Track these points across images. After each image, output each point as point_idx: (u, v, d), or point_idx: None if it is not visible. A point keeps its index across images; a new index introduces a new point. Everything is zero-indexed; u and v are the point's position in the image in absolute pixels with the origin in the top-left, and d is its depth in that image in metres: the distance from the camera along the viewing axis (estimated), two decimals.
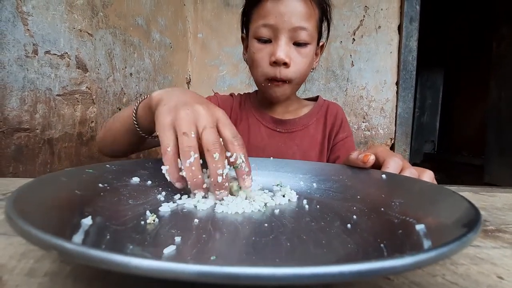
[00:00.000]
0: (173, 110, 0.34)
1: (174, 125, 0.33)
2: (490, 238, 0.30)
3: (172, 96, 0.38)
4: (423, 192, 0.29)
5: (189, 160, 0.31)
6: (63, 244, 0.12)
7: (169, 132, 0.33)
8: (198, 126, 0.33)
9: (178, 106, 0.35)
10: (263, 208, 0.33)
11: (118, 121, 0.54)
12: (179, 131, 0.33)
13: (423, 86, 4.29)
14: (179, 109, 0.34)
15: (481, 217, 0.18)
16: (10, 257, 0.21)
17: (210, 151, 0.32)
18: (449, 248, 0.13)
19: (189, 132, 0.32)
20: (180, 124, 0.33)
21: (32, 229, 0.13)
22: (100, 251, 0.12)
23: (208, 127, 0.33)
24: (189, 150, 0.32)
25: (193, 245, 0.22)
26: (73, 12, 0.88)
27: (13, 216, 0.15)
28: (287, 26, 0.58)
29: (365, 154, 0.40)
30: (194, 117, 0.33)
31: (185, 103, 0.35)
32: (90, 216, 0.22)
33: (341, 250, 0.23)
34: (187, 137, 0.32)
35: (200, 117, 0.34)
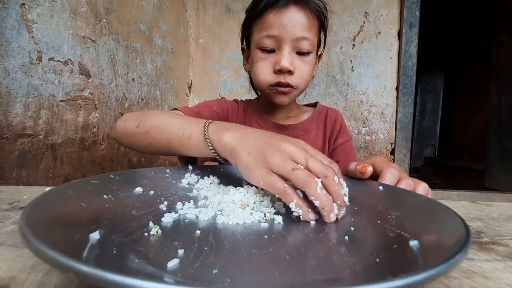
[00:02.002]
0: (261, 157, 0.35)
1: (272, 170, 0.33)
2: (484, 250, 0.31)
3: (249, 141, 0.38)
4: (418, 206, 0.30)
5: (318, 186, 0.31)
6: (80, 267, 0.13)
7: (273, 177, 0.33)
8: (298, 160, 0.34)
9: (263, 150, 0.35)
10: (263, 219, 0.34)
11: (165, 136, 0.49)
12: (284, 171, 0.33)
13: (424, 90, 4.31)
14: (268, 154, 0.34)
15: (471, 237, 0.19)
16: (20, 270, 0.22)
17: (329, 176, 0.32)
18: (437, 270, 0.14)
19: (297, 166, 0.33)
20: (281, 165, 0.33)
21: (49, 251, 0.14)
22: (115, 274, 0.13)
23: (309, 158, 0.34)
24: (311, 179, 0.32)
25: (195, 258, 0.23)
26: (77, 19, 0.89)
27: (29, 236, 0.16)
28: (290, 36, 0.59)
29: (363, 165, 0.41)
30: (289, 155, 0.34)
31: (269, 144, 0.36)
32: (97, 231, 0.22)
33: (339, 264, 0.24)
34: (300, 170, 0.32)
35: (293, 153, 0.34)
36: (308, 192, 0.32)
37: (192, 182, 0.44)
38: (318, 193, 0.31)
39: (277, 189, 0.33)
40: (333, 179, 0.32)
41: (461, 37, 3.66)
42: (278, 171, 0.33)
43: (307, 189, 0.32)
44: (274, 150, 0.34)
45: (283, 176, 0.33)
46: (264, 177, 0.34)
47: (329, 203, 0.32)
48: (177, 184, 0.43)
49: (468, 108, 3.83)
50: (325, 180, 0.32)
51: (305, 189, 0.32)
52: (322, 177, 0.32)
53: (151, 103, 1.36)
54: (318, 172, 0.32)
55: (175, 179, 0.44)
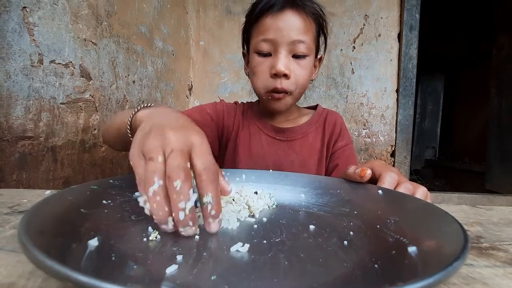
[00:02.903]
0: (145, 137, 0.30)
1: (142, 152, 0.29)
2: (483, 256, 0.31)
3: (153, 119, 0.34)
4: (417, 211, 0.30)
5: (152, 187, 0.26)
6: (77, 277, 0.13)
7: (140, 160, 0.29)
8: (165, 151, 0.28)
9: (151, 131, 0.30)
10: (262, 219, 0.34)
11: (113, 128, 0.54)
12: (146, 157, 0.28)
13: (424, 93, 4.31)
14: (150, 135, 0.30)
15: (469, 243, 0.19)
16: (19, 275, 0.22)
17: (171, 178, 0.26)
18: (435, 279, 0.14)
19: (154, 157, 0.28)
20: (146, 150, 0.29)
21: (49, 261, 0.14)
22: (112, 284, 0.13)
23: (174, 151, 0.28)
24: (152, 176, 0.27)
25: (194, 264, 0.23)
26: (78, 22, 0.89)
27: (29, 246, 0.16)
28: (285, 40, 0.60)
29: (362, 169, 0.41)
30: (162, 142, 0.29)
31: (161, 127, 0.31)
32: (96, 238, 0.22)
33: (337, 270, 0.24)
34: (152, 162, 0.27)
35: (170, 142, 0.29)
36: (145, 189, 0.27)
37: None
38: (150, 196, 0.27)
39: (136, 174, 0.29)
40: (173, 183, 0.26)
41: (461, 40, 3.67)
42: (144, 154, 0.29)
43: (144, 186, 0.27)
44: (157, 133, 0.30)
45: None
46: (134, 156, 0.30)
47: (160, 213, 0.27)
48: None
49: (468, 110, 3.83)
50: (166, 181, 0.27)
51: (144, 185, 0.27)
52: (166, 177, 0.27)
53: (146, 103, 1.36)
54: (167, 169, 0.27)
55: None
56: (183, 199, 0.26)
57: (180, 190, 0.26)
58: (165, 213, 0.27)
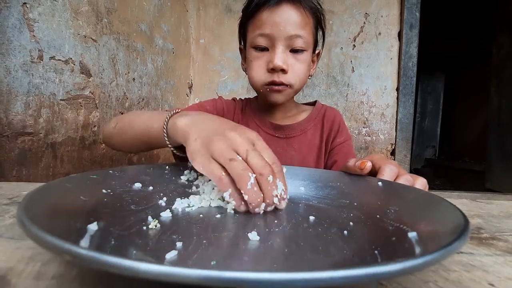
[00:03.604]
0: (206, 143, 0.34)
1: (213, 157, 0.33)
2: (484, 245, 0.30)
3: (200, 127, 0.38)
4: (417, 200, 0.30)
5: (249, 181, 0.31)
6: (76, 250, 0.13)
7: (213, 164, 0.33)
8: (239, 151, 0.33)
9: (210, 137, 0.34)
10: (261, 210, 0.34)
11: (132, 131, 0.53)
12: (224, 160, 0.32)
13: (424, 92, 4.31)
14: (213, 140, 0.34)
15: (469, 225, 0.19)
16: (18, 260, 0.22)
17: (264, 174, 0.32)
18: (436, 255, 0.14)
19: (235, 157, 0.32)
20: (221, 153, 0.33)
21: (46, 235, 0.14)
22: (111, 256, 0.13)
23: (250, 151, 0.33)
24: (245, 173, 0.31)
25: (194, 251, 0.23)
26: (78, 19, 0.89)
27: (27, 223, 0.16)
28: (283, 34, 0.59)
29: (362, 161, 0.41)
30: (232, 144, 0.34)
31: (217, 132, 0.35)
32: (95, 222, 0.22)
33: (337, 256, 0.24)
34: (237, 161, 0.32)
35: (238, 143, 0.34)
36: (239, 185, 0.32)
37: (191, 179, 0.44)
38: (248, 188, 0.31)
39: (215, 176, 0.33)
40: (267, 178, 0.32)
41: (461, 38, 3.67)
42: (218, 158, 0.33)
43: (239, 183, 0.32)
44: (220, 138, 0.34)
45: (221, 165, 0.33)
46: (204, 163, 0.34)
47: (258, 200, 0.32)
48: (176, 181, 0.43)
49: (468, 110, 3.83)
50: (258, 178, 0.32)
51: (237, 182, 0.32)
52: (257, 173, 0.32)
53: (152, 103, 1.36)
54: (255, 167, 0.32)
55: (174, 176, 0.44)
56: (275, 188, 0.33)
57: (272, 183, 0.32)
58: (260, 201, 0.32)
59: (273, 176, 0.33)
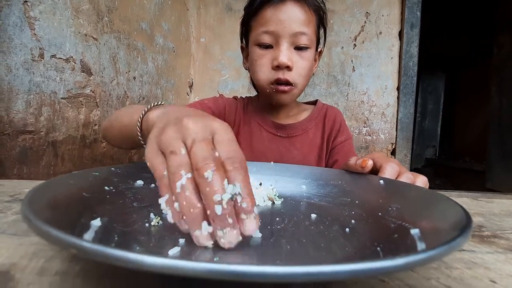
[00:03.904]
0: (160, 133, 0.26)
1: (160, 149, 0.25)
2: (485, 243, 0.31)
3: (165, 116, 0.32)
4: (419, 198, 0.30)
5: (179, 182, 0.22)
6: (82, 243, 0.13)
7: (159, 158, 0.25)
8: (186, 141, 0.25)
9: (165, 125, 0.27)
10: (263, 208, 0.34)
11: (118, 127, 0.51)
12: (166, 152, 0.24)
13: (425, 91, 4.31)
14: (165, 129, 0.26)
15: (472, 222, 0.19)
16: (21, 256, 0.22)
17: (200, 169, 0.22)
18: (439, 251, 0.14)
19: (177, 150, 0.24)
20: (164, 144, 0.25)
21: (52, 229, 0.14)
22: (117, 250, 0.13)
23: (197, 140, 0.24)
24: (177, 170, 0.23)
25: (196, 247, 0.23)
26: (79, 17, 0.89)
27: (31, 217, 0.16)
28: (287, 32, 0.59)
29: (363, 160, 0.41)
30: (182, 132, 0.25)
31: (175, 120, 0.27)
32: (98, 218, 0.22)
33: (339, 253, 0.24)
34: (175, 155, 0.24)
35: (188, 131, 0.25)
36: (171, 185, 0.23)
37: None
38: (178, 192, 0.22)
39: (155, 174, 0.25)
40: (204, 175, 0.22)
41: (462, 38, 3.67)
42: (163, 150, 0.25)
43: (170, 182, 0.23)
44: (173, 125, 0.26)
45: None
46: (150, 156, 0.25)
47: (191, 211, 0.22)
48: None
49: (469, 109, 3.83)
50: (195, 174, 0.23)
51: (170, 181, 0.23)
52: (194, 169, 0.23)
53: (152, 102, 1.36)
54: (193, 160, 0.23)
55: None
56: (218, 191, 0.22)
57: (212, 181, 0.22)
58: (197, 211, 0.22)
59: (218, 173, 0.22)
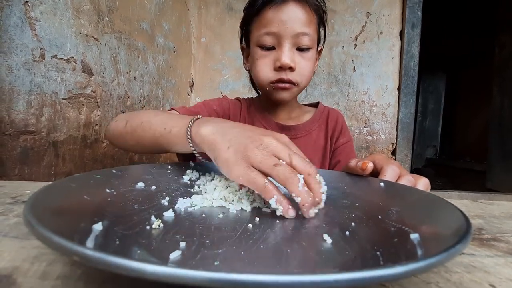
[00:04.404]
0: (242, 151, 0.33)
1: (253, 165, 0.33)
2: (485, 246, 0.31)
3: (228, 136, 0.36)
4: (419, 201, 0.30)
5: (300, 182, 0.31)
6: (84, 251, 0.13)
7: (253, 172, 0.32)
8: (281, 156, 0.33)
9: (244, 145, 0.34)
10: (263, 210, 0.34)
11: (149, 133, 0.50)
12: (267, 167, 0.32)
13: (426, 91, 4.30)
14: (249, 149, 0.33)
15: (471, 228, 0.19)
16: (23, 260, 0.22)
17: (312, 174, 0.32)
18: (439, 258, 0.14)
19: (280, 162, 0.32)
20: (263, 161, 0.32)
21: (54, 236, 0.14)
22: (118, 258, 0.13)
23: (293, 154, 0.33)
24: (293, 175, 0.31)
25: (197, 251, 0.23)
26: (79, 17, 0.89)
27: (34, 223, 0.16)
28: (289, 32, 0.59)
29: (363, 162, 0.41)
30: (270, 150, 0.33)
31: (250, 139, 0.34)
32: (100, 222, 0.23)
33: (339, 257, 0.24)
34: (282, 166, 0.32)
35: (276, 149, 0.33)
36: (290, 188, 0.31)
37: (194, 178, 0.45)
38: (300, 190, 0.31)
39: (258, 185, 0.32)
40: (315, 177, 0.32)
41: (462, 38, 3.66)
42: (259, 166, 0.32)
43: (289, 186, 0.31)
44: (256, 145, 0.33)
45: (264, 172, 0.32)
46: (244, 172, 0.32)
47: (310, 200, 0.31)
48: (178, 180, 0.43)
49: (469, 109, 3.83)
50: (307, 178, 0.32)
51: (287, 186, 0.31)
52: (305, 174, 0.32)
53: (153, 102, 1.36)
54: (302, 169, 0.32)
55: (176, 175, 0.44)
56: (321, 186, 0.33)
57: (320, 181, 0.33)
58: (312, 200, 0.31)
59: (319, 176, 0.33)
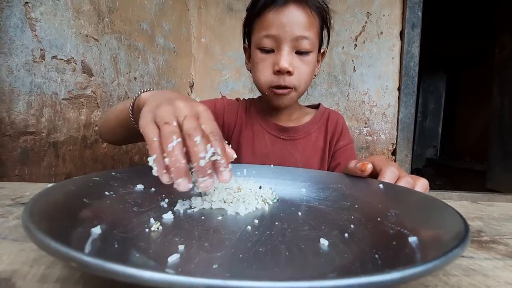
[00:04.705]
0: (154, 107, 0.34)
1: (154, 120, 0.33)
2: (483, 249, 0.31)
3: (156, 96, 0.40)
4: (417, 203, 0.30)
5: (171, 144, 0.30)
6: (82, 257, 0.13)
7: (152, 126, 0.33)
8: (178, 117, 0.33)
9: (160, 103, 0.35)
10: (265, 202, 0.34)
11: (114, 116, 0.56)
12: (160, 123, 0.32)
13: (426, 92, 4.30)
14: (159, 105, 0.34)
15: (469, 233, 0.19)
16: (23, 263, 0.22)
17: (191, 135, 0.31)
18: (435, 263, 0.14)
19: (170, 122, 0.32)
20: (160, 116, 0.33)
21: (52, 242, 0.14)
22: (116, 264, 0.13)
23: (188, 116, 0.33)
24: (170, 135, 0.30)
25: (195, 254, 0.23)
26: (79, 18, 0.89)
27: (33, 229, 0.16)
28: (289, 36, 0.59)
29: (362, 163, 0.41)
30: (174, 110, 0.33)
31: (167, 100, 0.36)
32: (99, 226, 0.23)
33: (338, 260, 0.24)
34: (169, 125, 0.31)
35: (180, 110, 0.33)
36: (164, 147, 0.30)
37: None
38: (169, 150, 0.30)
39: (148, 138, 0.32)
40: (194, 139, 0.30)
41: (463, 38, 3.65)
42: (156, 121, 0.33)
43: (163, 144, 0.30)
44: (167, 104, 0.34)
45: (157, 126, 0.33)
46: (145, 124, 0.33)
47: (178, 166, 0.30)
48: None
49: (470, 109, 3.82)
50: (186, 139, 0.31)
51: (162, 144, 0.31)
52: (185, 134, 0.31)
53: None
54: (185, 130, 0.31)
55: None
56: (203, 150, 0.30)
57: (199, 143, 0.31)
58: (182, 165, 0.30)
59: (205, 140, 0.31)
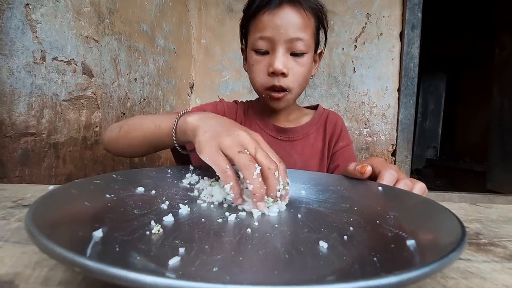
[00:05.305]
0: (216, 137, 0.37)
1: (222, 149, 0.36)
2: (482, 251, 0.31)
3: (210, 123, 0.41)
4: (416, 206, 0.31)
5: (255, 171, 0.34)
6: (85, 262, 0.13)
7: (220, 156, 0.36)
8: (248, 147, 0.36)
9: (220, 132, 0.38)
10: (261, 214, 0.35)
11: (140, 133, 0.55)
12: (232, 152, 0.35)
13: (426, 92, 4.31)
14: (222, 135, 0.37)
15: (466, 236, 0.19)
16: (25, 266, 0.22)
17: (271, 169, 0.35)
18: (432, 267, 0.15)
19: (242, 151, 0.35)
20: (231, 146, 0.36)
21: (56, 247, 0.15)
22: (118, 269, 0.13)
23: (259, 149, 0.36)
24: (251, 164, 0.34)
25: (196, 256, 0.24)
26: (80, 19, 0.90)
27: (36, 233, 0.16)
28: (283, 37, 0.59)
29: (362, 166, 0.41)
30: (240, 141, 0.37)
31: (226, 128, 0.39)
32: (100, 229, 0.23)
33: (337, 263, 0.24)
34: (244, 154, 0.35)
35: (245, 140, 0.37)
36: (245, 174, 0.34)
37: (193, 182, 0.45)
38: (254, 178, 0.34)
39: (220, 168, 0.35)
40: (273, 173, 0.35)
41: (462, 39, 3.66)
42: (225, 151, 0.36)
43: (245, 172, 0.34)
44: (229, 134, 0.37)
45: (229, 157, 0.36)
46: (212, 154, 0.36)
47: (261, 191, 0.34)
48: (178, 184, 0.44)
49: (470, 110, 3.83)
50: (265, 171, 0.35)
51: (243, 172, 0.34)
52: (265, 167, 0.35)
53: (153, 103, 1.36)
54: (262, 162, 0.35)
55: (176, 179, 0.45)
56: (278, 183, 0.36)
57: (277, 178, 0.35)
58: (263, 192, 0.34)
59: (279, 174, 0.36)
